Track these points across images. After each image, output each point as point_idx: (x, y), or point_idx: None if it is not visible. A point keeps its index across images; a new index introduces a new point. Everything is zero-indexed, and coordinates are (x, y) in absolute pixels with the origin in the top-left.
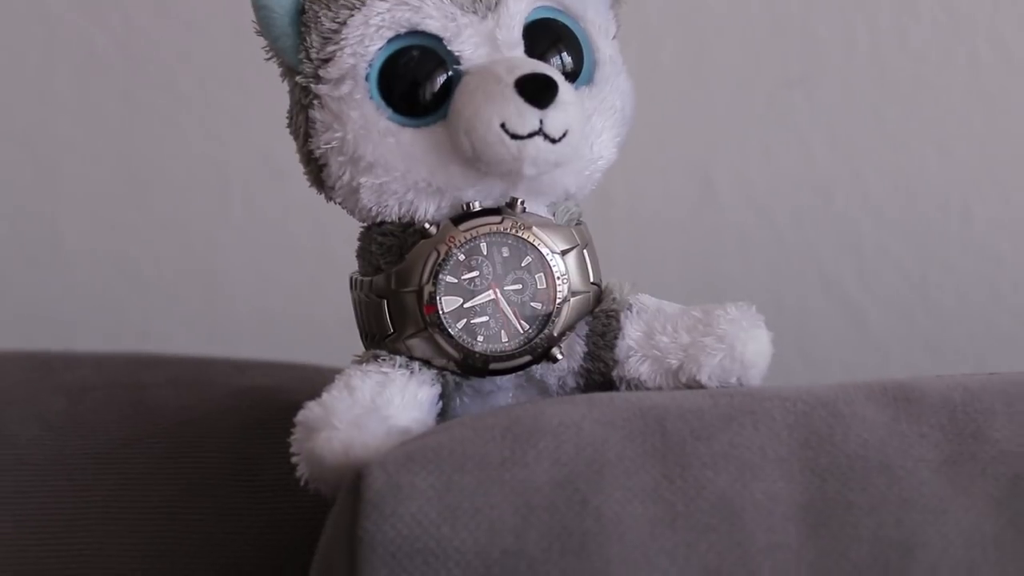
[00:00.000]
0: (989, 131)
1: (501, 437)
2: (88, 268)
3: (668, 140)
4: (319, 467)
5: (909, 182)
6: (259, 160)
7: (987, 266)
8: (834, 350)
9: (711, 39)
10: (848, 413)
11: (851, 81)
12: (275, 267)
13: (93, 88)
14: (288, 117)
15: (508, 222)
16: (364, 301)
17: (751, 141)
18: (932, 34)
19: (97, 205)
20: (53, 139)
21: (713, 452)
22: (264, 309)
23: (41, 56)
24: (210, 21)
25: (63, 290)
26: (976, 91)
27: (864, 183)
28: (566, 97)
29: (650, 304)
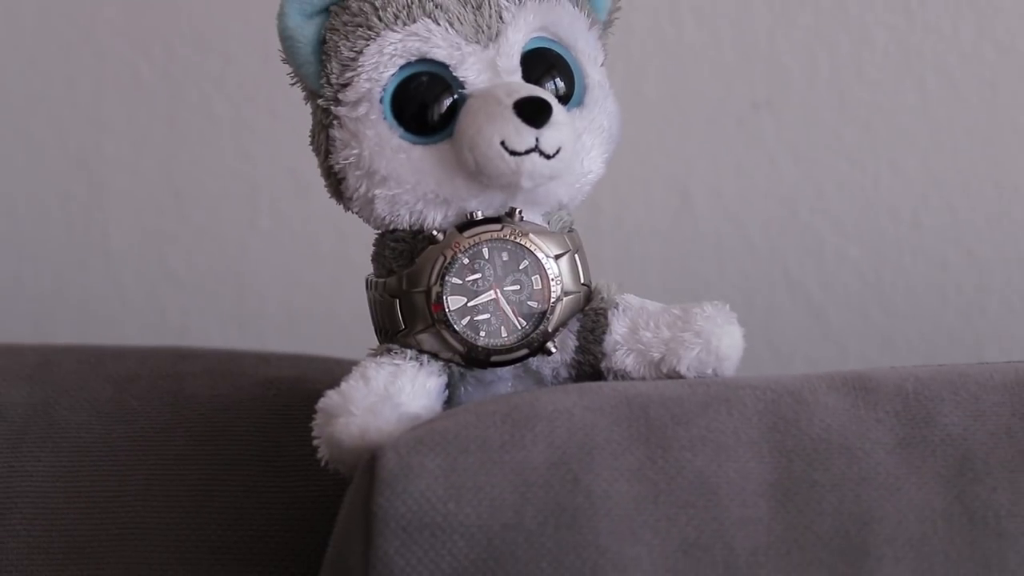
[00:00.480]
0: (935, 149)
1: (501, 422)
2: (133, 271)
3: (650, 157)
4: (338, 449)
5: (865, 194)
6: (285, 174)
7: (934, 269)
8: (799, 344)
9: (688, 66)
10: (812, 400)
11: (813, 105)
12: (299, 269)
13: (138, 112)
14: (311, 136)
15: (507, 229)
16: (378, 300)
17: (724, 158)
18: (885, 62)
19: (142, 215)
20: (103, 157)
21: (691, 436)
22: (289, 307)
23: (92, 83)
24: (242, 51)
25: (112, 290)
26: (924, 114)
27: (825, 195)
28: (559, 118)
29: (634, 303)
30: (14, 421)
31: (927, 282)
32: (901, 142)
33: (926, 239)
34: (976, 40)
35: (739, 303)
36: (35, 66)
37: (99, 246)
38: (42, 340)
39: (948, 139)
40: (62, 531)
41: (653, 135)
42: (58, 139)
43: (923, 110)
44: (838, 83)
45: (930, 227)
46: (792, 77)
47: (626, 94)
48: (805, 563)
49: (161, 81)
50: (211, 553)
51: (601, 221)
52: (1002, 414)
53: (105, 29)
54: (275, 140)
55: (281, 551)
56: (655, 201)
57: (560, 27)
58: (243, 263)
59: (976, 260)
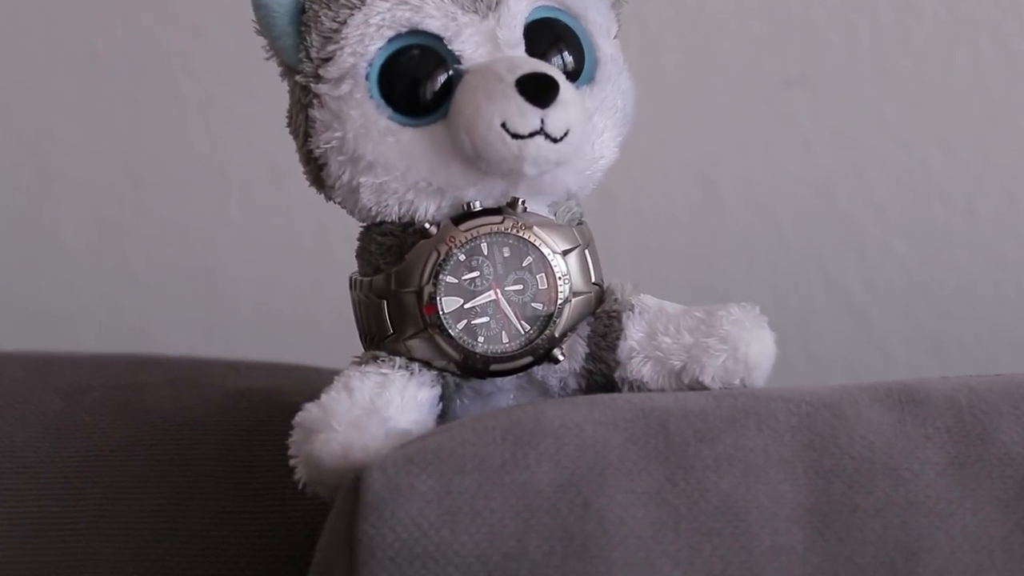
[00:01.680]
0: (992, 128)
1: (502, 439)
2: (87, 268)
3: (669, 139)
4: (317, 469)
5: (912, 180)
6: (259, 160)
7: (991, 266)
8: (838, 351)
9: (712, 37)
10: (852, 415)
11: (853, 79)
12: (274, 267)
13: (94, 89)
14: (288, 116)
15: (509, 222)
16: (363, 301)
17: (753, 140)
18: (934, 31)
19: (97, 205)
20: (54, 140)
21: (716, 454)
22: (263, 309)
23: (43, 57)
24: (210, 21)
25: (62, 290)
26: (979, 88)
27: (867, 182)
28: (567, 96)
29: (652, 305)
30: None
31: (983, 280)
32: (952, 120)
33: (982, 231)
34: None
35: (770, 304)
36: None
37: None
38: None
39: (1005, 116)
40: (6, 563)
41: (673, 115)
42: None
43: (977, 83)
44: (880, 55)
45: (986, 217)
46: (829, 48)
47: (642, 69)
48: None
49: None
50: None
51: (615, 212)
52: None
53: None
54: (248, 122)
55: None
56: (675, 190)
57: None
58: (211, 259)
59: None
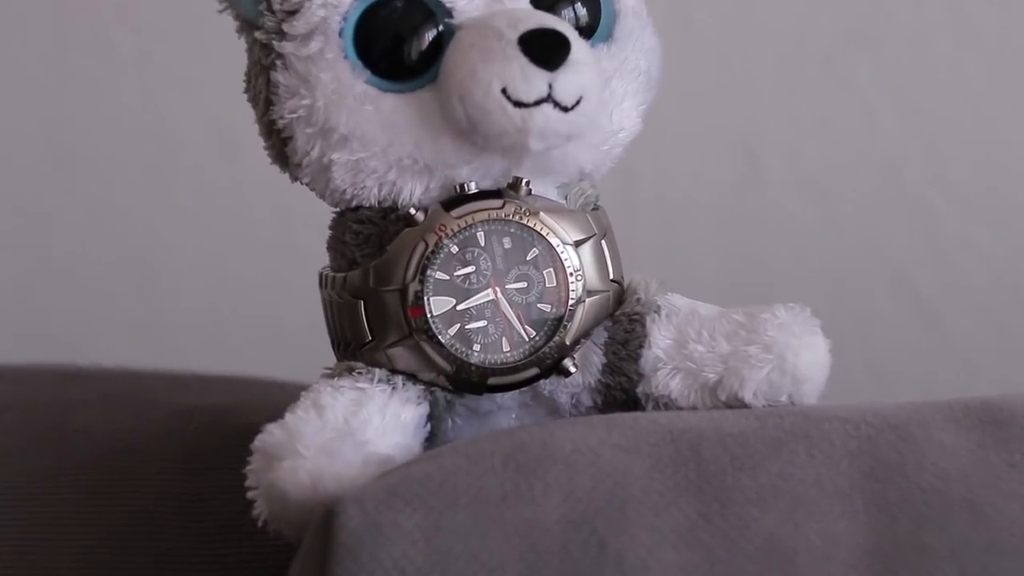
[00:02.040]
0: None
1: (502, 467)
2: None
3: (703, 108)
4: (281, 503)
5: (994, 157)
6: (209, 132)
7: None
8: (906, 361)
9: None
10: (923, 438)
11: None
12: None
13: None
14: (245, 81)
15: (510, 207)
16: (336, 302)
17: (803, 108)
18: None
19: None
20: None
21: (759, 485)
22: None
23: None
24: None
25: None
26: None
27: (941, 158)
28: (580, 57)
29: (682, 306)
30: None
31: None
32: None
33: None
34: None
35: (824, 305)
36: None
37: None
38: None
39: None
40: None
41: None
42: None
43: None
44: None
45: None
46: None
47: (671, 25)
48: None
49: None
50: None
51: (637, 194)
52: None
53: None
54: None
55: None
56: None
57: None
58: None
59: None
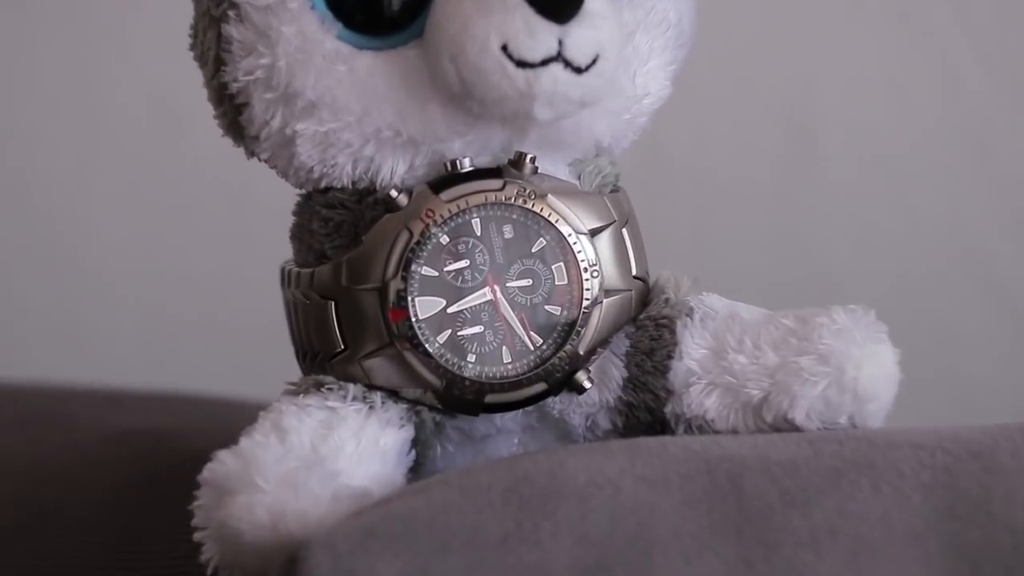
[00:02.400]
0: None
1: (502, 503)
2: None
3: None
4: (235, 546)
5: None
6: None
7: None
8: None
9: None
10: (1013, 468)
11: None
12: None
13: None
14: (191, 36)
15: (512, 188)
16: (302, 303)
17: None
18: None
19: None
20: None
21: (813, 525)
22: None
23: None
24: None
25: None
26: None
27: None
28: (596, 7)
29: (720, 308)
30: None
31: None
32: None
33: None
34: None
35: (894, 307)
36: None
37: None
38: None
39: None
40: None
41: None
42: None
43: None
44: None
45: None
46: None
47: None
48: None
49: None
50: None
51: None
52: None
53: None
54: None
55: None
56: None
57: None
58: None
59: None
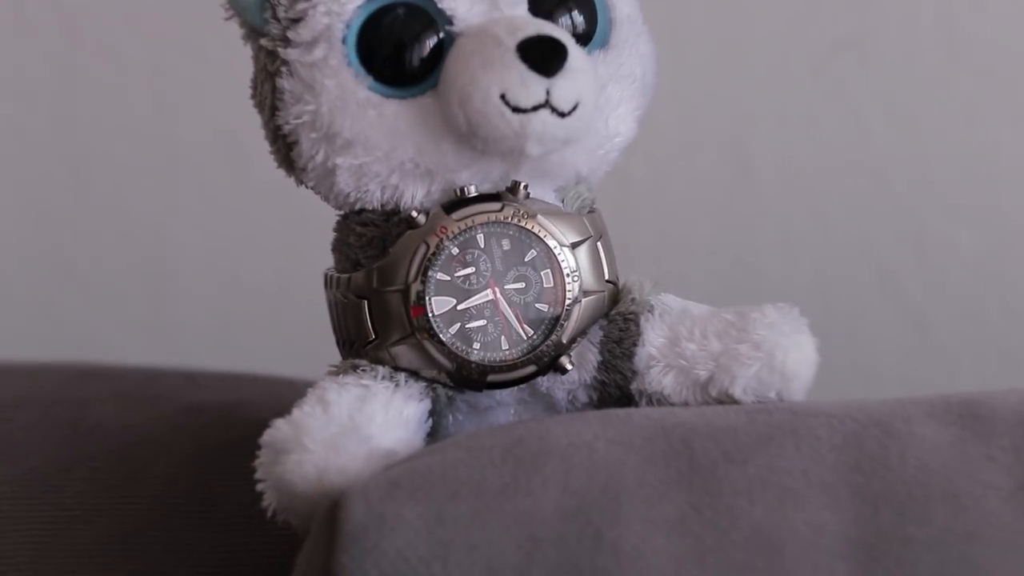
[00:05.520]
0: None
1: (501, 460)
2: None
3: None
4: (289, 495)
5: (980, 162)
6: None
7: None
8: (892, 359)
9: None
10: (906, 432)
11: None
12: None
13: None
14: (252, 87)
15: (509, 210)
16: (341, 302)
17: (795, 114)
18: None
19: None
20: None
21: (748, 477)
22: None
23: None
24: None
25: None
26: None
27: (927, 163)
28: (577, 63)
29: (675, 306)
30: None
31: None
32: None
33: None
34: None
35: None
36: None
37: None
38: None
39: None
40: None
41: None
42: None
43: None
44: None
45: None
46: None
47: (666, 32)
48: None
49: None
50: None
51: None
52: None
53: None
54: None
55: None
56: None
57: None
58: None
59: None
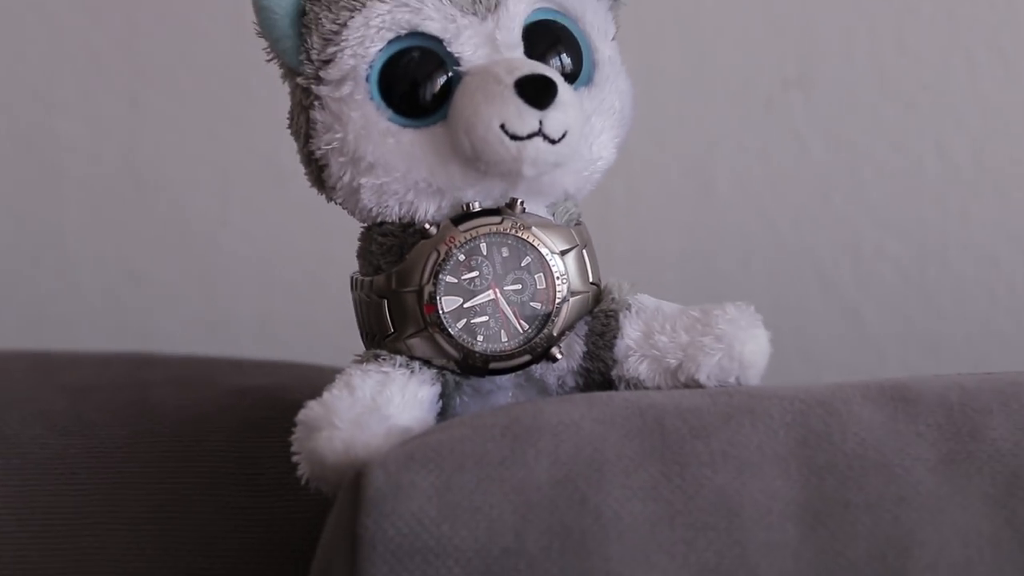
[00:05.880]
0: (986, 132)
1: (501, 436)
2: (90, 269)
3: (667, 141)
4: (320, 466)
5: (907, 182)
6: (260, 161)
7: (984, 266)
8: (832, 350)
9: (709, 40)
10: (845, 412)
11: (849, 81)
12: (276, 267)
13: (95, 89)
14: (289, 118)
15: (508, 222)
16: (365, 301)
17: (750, 142)
18: (931, 35)
19: (99, 206)
20: (56, 141)
21: (711, 450)
22: (264, 309)
23: (43, 58)
24: (212, 23)
25: (66, 290)
26: (974, 92)
27: (862, 183)
28: (565, 98)
29: (649, 304)
30: None
31: (976, 280)
32: (948, 124)
33: (975, 233)
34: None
35: (766, 304)
36: None
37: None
38: None
39: (1000, 121)
40: (13, 557)
41: (671, 117)
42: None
43: (972, 87)
44: (877, 57)
45: (979, 219)
46: (826, 50)
47: (640, 71)
48: None
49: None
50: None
51: (612, 213)
52: None
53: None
54: (249, 123)
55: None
56: (673, 190)
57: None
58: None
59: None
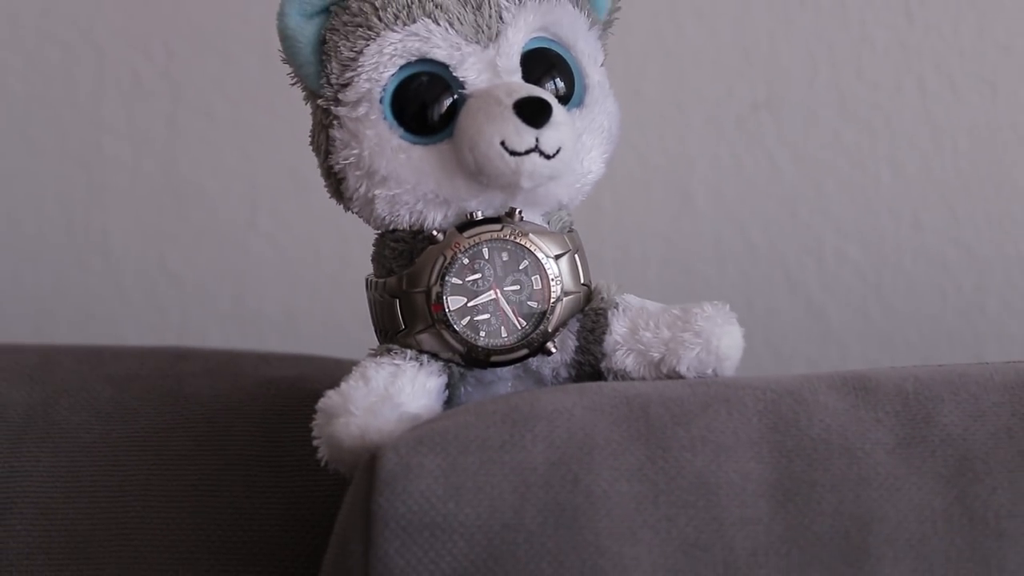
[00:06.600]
0: (935, 149)
1: (501, 422)
2: (134, 272)
3: (650, 157)
4: (338, 449)
5: (865, 194)
6: (285, 174)
7: (934, 270)
8: (799, 345)
9: (688, 66)
10: (812, 400)
11: (813, 105)
12: (299, 270)
13: (138, 112)
14: (311, 136)
15: (507, 229)
16: (378, 300)
17: (724, 158)
18: (886, 63)
19: (142, 216)
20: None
21: (691, 436)
22: (289, 307)
23: (92, 83)
24: (242, 51)
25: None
26: (924, 114)
27: (825, 196)
28: (559, 118)
29: (634, 303)
30: (14, 421)
31: (927, 282)
32: (901, 142)
33: (926, 239)
34: (976, 39)
35: (739, 303)
36: (35, 66)
37: (99, 246)
38: (42, 340)
39: (948, 139)
40: (62, 531)
41: (653, 135)
42: (58, 139)
43: (923, 110)
44: (838, 83)
45: (930, 227)
46: (792, 77)
47: (626, 94)
48: (805, 563)
49: (161, 81)
50: (211, 553)
51: (601, 221)
52: (1002, 414)
53: (105, 29)
54: (275, 140)
55: (281, 551)
56: (655, 201)
57: (560, 27)
58: (243, 263)
59: (976, 260)
